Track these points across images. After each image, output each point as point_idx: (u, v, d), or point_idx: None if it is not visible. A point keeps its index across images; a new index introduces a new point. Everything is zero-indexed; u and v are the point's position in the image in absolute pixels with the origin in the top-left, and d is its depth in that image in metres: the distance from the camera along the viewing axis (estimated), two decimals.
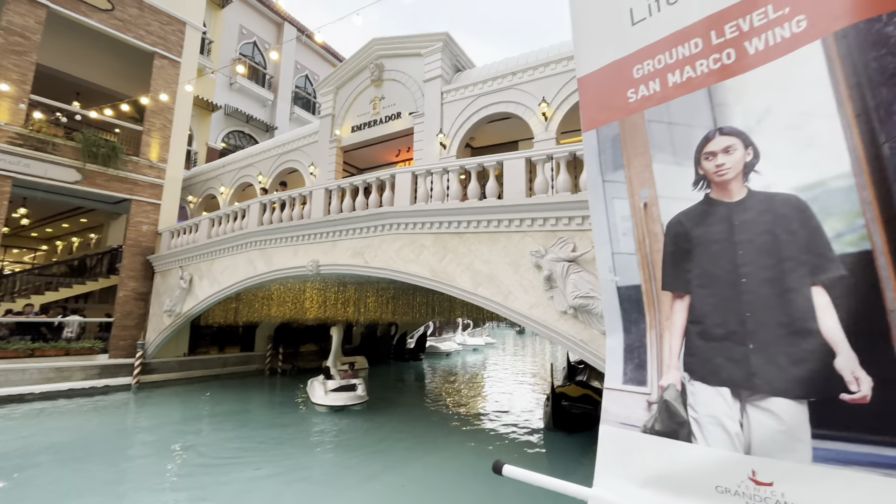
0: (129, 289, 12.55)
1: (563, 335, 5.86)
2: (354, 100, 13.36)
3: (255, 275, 9.95)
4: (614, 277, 1.51)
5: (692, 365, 1.30)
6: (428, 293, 11.32)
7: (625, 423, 1.39)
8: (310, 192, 9.21)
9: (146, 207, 13.17)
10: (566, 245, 6.01)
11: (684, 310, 1.32)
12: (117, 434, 7.82)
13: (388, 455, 6.73)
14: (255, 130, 21.66)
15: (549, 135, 9.67)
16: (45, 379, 10.46)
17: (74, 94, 14.60)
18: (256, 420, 8.92)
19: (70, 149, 11.77)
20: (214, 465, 6.17)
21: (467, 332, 30.86)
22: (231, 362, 14.56)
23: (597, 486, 1.40)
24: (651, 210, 1.42)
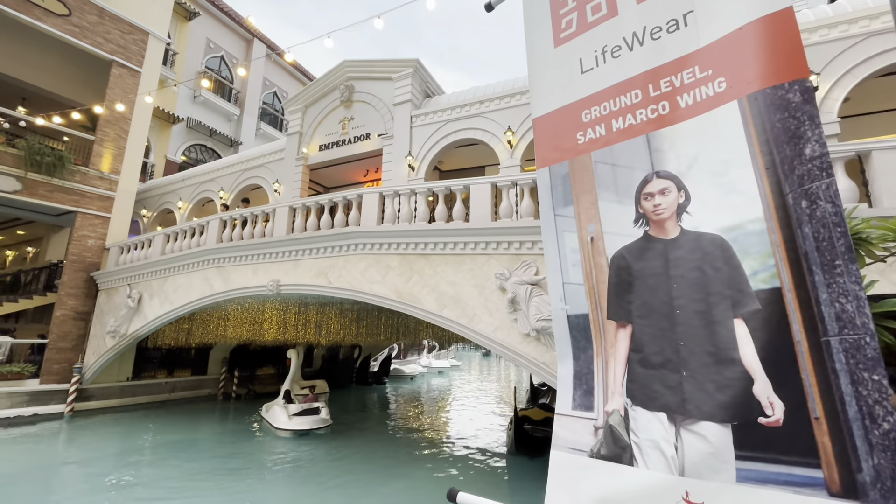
0: (67, 307, 11.65)
1: (527, 358, 5.95)
2: (323, 119, 13.36)
3: (211, 294, 9.52)
4: (564, 306, 1.60)
5: (634, 391, 1.38)
6: (393, 314, 11.21)
7: (573, 447, 1.45)
8: (273, 209, 9.02)
9: (93, 221, 12.41)
10: (529, 268, 6.18)
11: (627, 338, 1.42)
12: (43, 469, 7.10)
13: (348, 485, 6.48)
14: (219, 145, 21.08)
15: (514, 162, 10.02)
16: None
17: (20, 98, 13.78)
18: (206, 450, 8.37)
19: (10, 156, 11.01)
20: (156, 499, 5.71)
21: (433, 354, 30.54)
22: (181, 387, 13.67)
23: None
24: (597, 244, 1.53)
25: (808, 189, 1.17)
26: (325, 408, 10.38)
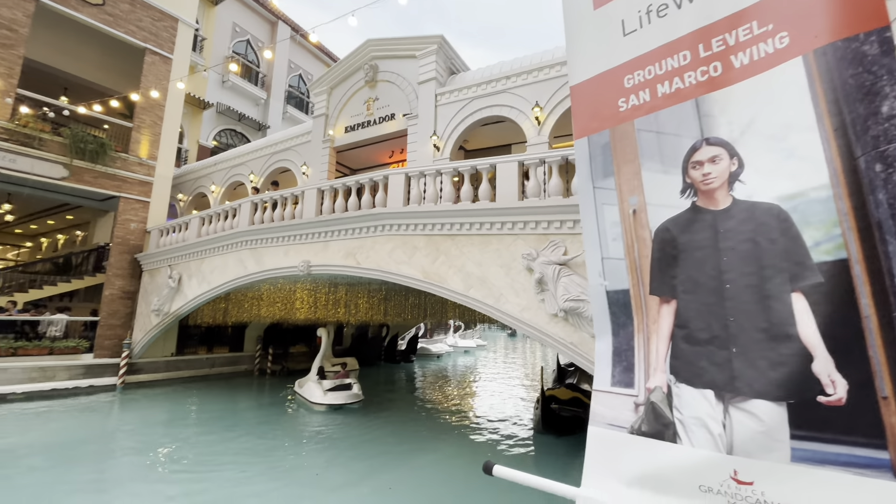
0: (115, 287, 12.37)
1: (554, 338, 5.91)
2: (348, 100, 13.34)
3: (245, 274, 9.87)
4: (603, 282, 1.55)
5: (678, 368, 1.34)
6: (420, 295, 11.33)
7: (612, 424, 1.42)
8: (302, 191, 9.18)
9: (135, 205, 13.00)
10: (557, 248, 6.07)
11: (671, 314, 1.36)
12: (101, 436, 7.70)
13: (378, 457, 6.71)
14: (248, 129, 21.50)
15: (542, 139, 9.76)
16: (28, 378, 10.26)
17: (63, 88, 14.38)
18: (245, 421, 8.84)
19: (57, 144, 11.58)
20: (200, 467, 6.10)
21: (458, 333, 30.88)
22: (219, 363, 14.40)
23: (585, 485, 1.43)
24: (640, 216, 1.46)
25: (885, 151, 1.06)
26: (356, 384, 10.79)
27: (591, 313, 5.75)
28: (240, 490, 5.31)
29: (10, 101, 10.95)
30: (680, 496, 1.25)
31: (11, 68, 11.03)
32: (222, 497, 5.11)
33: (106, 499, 5.03)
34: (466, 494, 5.41)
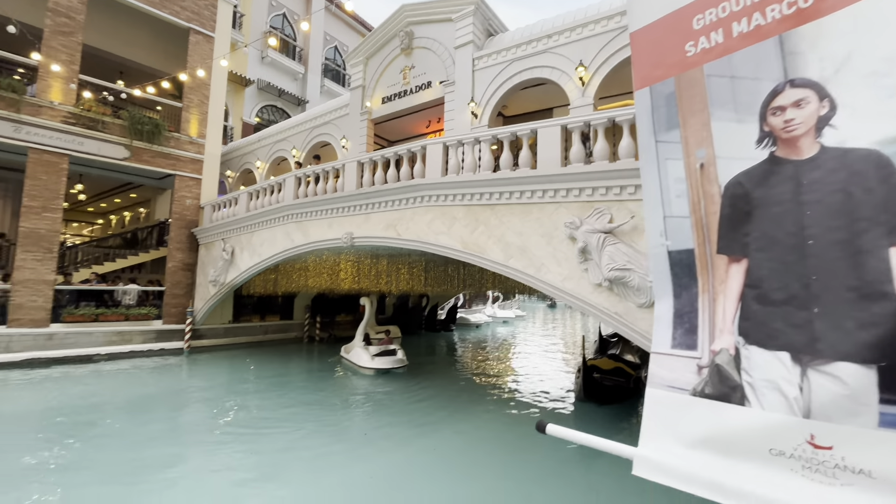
0: (176, 260, 13.31)
1: (597, 308, 5.79)
2: (384, 70, 13.20)
3: (292, 247, 10.30)
4: (665, 242, 1.47)
5: (748, 329, 1.27)
6: (459, 265, 11.39)
7: (672, 386, 1.38)
8: (342, 165, 9.32)
9: (188, 182, 13.74)
10: (602, 216, 5.86)
11: (741, 273, 1.28)
12: (174, 393, 8.51)
13: (422, 420, 7.01)
14: (287, 104, 21.90)
15: (587, 101, 9.27)
16: (108, 342, 11.42)
17: (118, 72, 15.14)
18: (297, 384, 9.46)
19: (118, 126, 12.34)
20: (261, 423, 6.63)
21: (497, 304, 31.01)
22: (272, 330, 15.36)
23: (642, 445, 1.42)
24: (708, 171, 1.35)
25: None
26: (400, 350, 11.24)
27: (637, 283, 5.58)
28: (295, 445, 5.74)
29: (73, 87, 11.70)
30: (748, 459, 1.21)
31: (72, 55, 11.71)
32: (280, 450, 5.55)
33: (179, 449, 5.60)
34: (507, 457, 5.57)
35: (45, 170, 11.17)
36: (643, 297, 5.41)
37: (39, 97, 11.17)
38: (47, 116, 11.22)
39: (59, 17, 11.49)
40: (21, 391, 8.04)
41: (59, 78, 11.42)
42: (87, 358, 10.76)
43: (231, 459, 5.22)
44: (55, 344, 10.67)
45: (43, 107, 11.18)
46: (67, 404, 7.25)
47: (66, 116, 11.50)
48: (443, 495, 4.43)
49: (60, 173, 11.42)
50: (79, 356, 10.67)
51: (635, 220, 5.57)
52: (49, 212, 11.21)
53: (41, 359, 10.15)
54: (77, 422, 6.38)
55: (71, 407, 7.10)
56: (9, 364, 9.76)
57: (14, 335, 10.22)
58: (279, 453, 5.43)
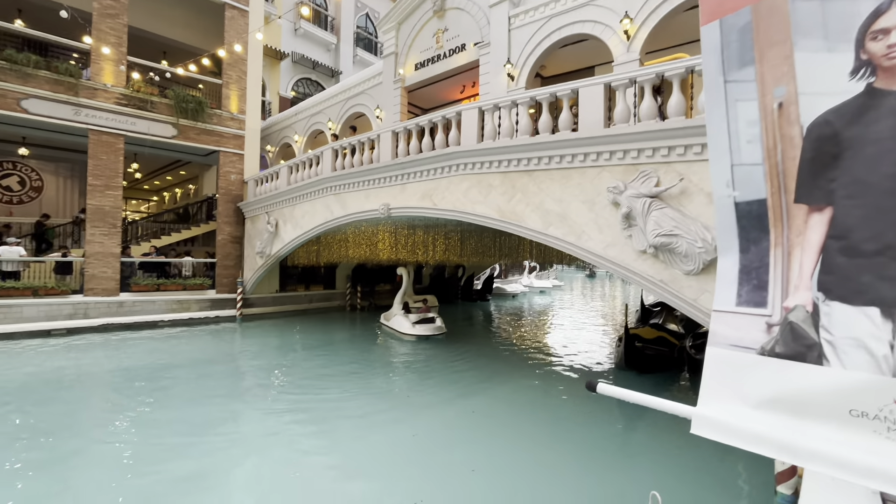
0: (225, 233, 14.02)
1: (641, 275, 5.60)
2: (417, 34, 12.84)
3: (332, 219, 10.55)
4: (732, 193, 1.35)
5: (829, 284, 1.16)
6: (495, 235, 11.29)
7: (737, 345, 1.31)
8: (377, 135, 9.30)
9: (231, 158, 14.24)
10: (649, 179, 5.55)
11: (823, 223, 1.15)
12: (230, 357, 9.16)
13: (461, 384, 7.18)
14: (322, 76, 21.93)
15: (632, 56, 8.65)
16: (169, 309, 12.37)
17: (161, 52, 15.63)
18: (341, 349, 9.91)
19: (164, 106, 12.85)
20: (309, 386, 7.04)
21: (534, 274, 30.74)
22: (316, 299, 16.05)
23: (702, 405, 1.37)
24: (787, 110, 1.21)
25: None
26: (438, 317, 11.60)
27: (684, 249, 5.32)
28: (342, 406, 6.07)
29: (123, 69, 12.22)
30: (824, 420, 1.14)
31: (120, 37, 12.16)
32: (328, 410, 5.89)
33: (236, 406, 6.07)
34: (546, 420, 5.64)
35: (104, 150, 11.90)
36: (691, 263, 5.16)
37: (94, 80, 11.77)
38: (102, 98, 11.84)
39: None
40: (99, 352, 8.93)
41: (109, 60, 11.94)
42: (153, 324, 11.74)
43: (284, 418, 5.61)
44: (125, 311, 11.69)
45: (98, 90, 11.79)
46: (139, 365, 7.99)
47: (118, 98, 12.09)
48: (480, 453, 4.57)
49: (118, 153, 12.13)
50: (145, 322, 11.66)
51: (684, 182, 5.25)
52: (111, 189, 12.02)
53: (114, 324, 11.18)
54: (147, 381, 7.04)
55: (142, 367, 7.83)
56: (88, 329, 10.82)
57: (90, 303, 11.26)
58: (328, 413, 5.77)
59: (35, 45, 12.20)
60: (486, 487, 3.94)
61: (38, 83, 11.00)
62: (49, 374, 7.26)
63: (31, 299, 10.55)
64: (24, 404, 5.80)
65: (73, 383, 6.92)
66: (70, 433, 4.94)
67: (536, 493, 3.86)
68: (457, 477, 4.11)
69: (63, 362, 8.05)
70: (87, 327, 10.80)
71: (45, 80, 11.07)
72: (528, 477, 4.14)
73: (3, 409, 5.62)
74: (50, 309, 10.68)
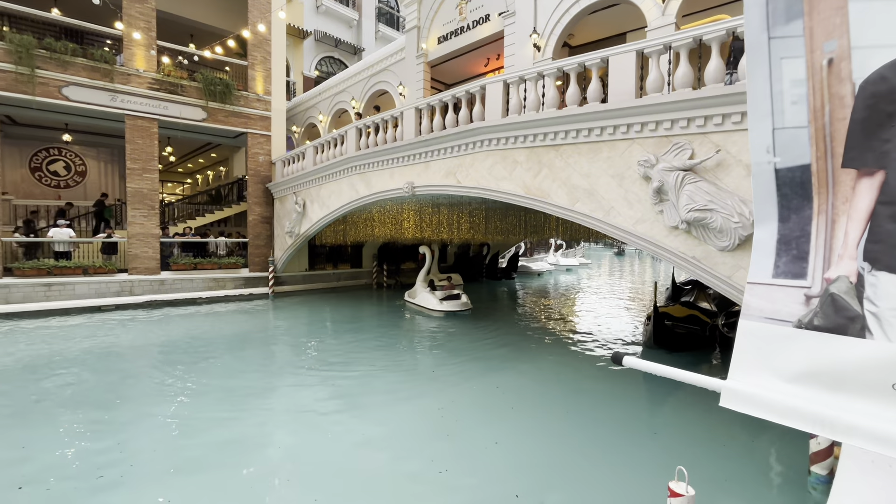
0: (256, 214, 14.43)
1: (673, 252, 5.43)
2: (440, 7, 12.50)
3: (357, 198, 10.67)
4: (773, 159, 1.27)
5: (877, 253, 1.09)
6: (520, 212, 11.15)
7: (772, 317, 1.26)
8: (401, 112, 9.23)
9: (259, 139, 14.50)
10: (682, 151, 5.31)
11: (873, 189, 1.07)
12: (264, 331, 9.57)
13: (486, 360, 7.27)
14: (344, 54, 21.79)
15: (668, 20, 8.16)
16: (206, 287, 12.96)
17: (188, 35, 15.86)
18: (369, 326, 10.17)
19: (194, 89, 13.13)
20: (339, 360, 7.30)
21: (560, 252, 30.32)
22: (343, 277, 16.44)
23: (732, 378, 1.34)
24: (838, 67, 1.12)
25: None
26: (464, 294, 11.93)
27: (719, 224, 5.10)
28: (371, 380, 6.27)
29: (154, 54, 12.50)
30: (863, 394, 1.10)
31: (149, 21, 12.39)
32: (357, 384, 6.10)
33: (271, 380, 6.38)
34: (571, 397, 5.66)
35: (139, 134, 12.34)
36: (726, 239, 4.96)
37: (127, 65, 12.12)
38: (135, 84, 12.20)
39: None
40: (147, 327, 9.51)
41: (140, 45, 12.23)
42: (192, 301, 12.35)
43: (316, 391, 5.86)
44: (166, 288, 12.34)
45: (131, 75, 12.14)
46: (181, 339, 8.48)
47: (150, 83, 12.43)
48: (504, 427, 4.66)
49: (152, 137, 12.56)
50: (185, 299, 12.28)
51: (720, 154, 4.99)
52: (148, 172, 12.52)
53: (157, 301, 11.83)
54: (189, 354, 7.47)
55: (184, 341, 8.31)
56: (133, 305, 11.51)
57: (135, 281, 11.94)
58: (357, 387, 5.99)
59: (70, 32, 12.62)
60: (509, 459, 4.02)
61: (76, 70, 11.42)
62: (102, 347, 7.81)
63: (82, 277, 11.28)
64: (82, 374, 6.30)
65: (124, 356, 7.43)
66: (122, 402, 5.34)
67: (558, 465, 3.92)
68: (480, 449, 4.21)
69: (115, 337, 8.64)
70: (132, 304, 11.49)
71: (82, 67, 11.48)
72: (551, 450, 4.20)
73: (63, 378, 6.12)
74: (99, 286, 11.40)
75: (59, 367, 6.58)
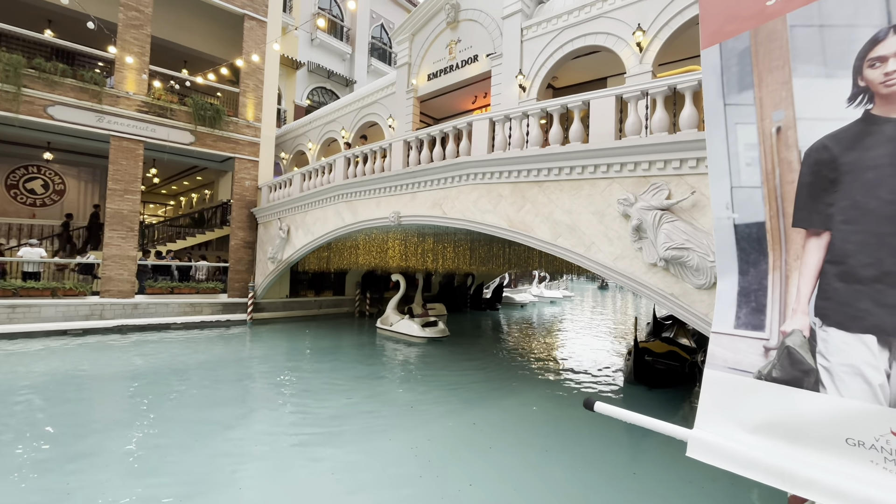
0: (238, 238, 14.25)
1: (652, 289, 5.54)
2: (430, 45, 13.02)
3: (343, 226, 10.67)
4: (731, 214, 1.35)
5: (826, 309, 1.14)
6: (505, 244, 11.29)
7: (734, 368, 1.29)
8: (389, 144, 9.41)
9: (247, 164, 14.53)
10: (660, 191, 5.52)
11: (820, 248, 1.14)
12: (239, 360, 9.25)
13: (465, 394, 7.14)
14: (336, 86, 22.30)
15: (645, 68, 8.65)
16: (182, 312, 12.57)
17: (182, 61, 16.09)
18: (348, 355, 9.94)
19: (183, 113, 13.20)
20: (316, 390, 7.07)
21: (543, 284, 30.54)
22: (325, 305, 16.17)
23: (698, 427, 1.35)
24: (785, 135, 1.21)
25: None
26: (440, 320, 12.60)
27: (696, 262, 5.26)
28: (346, 411, 6.08)
29: (145, 78, 12.60)
30: (820, 448, 1.12)
31: (143, 47, 12.56)
32: (333, 416, 5.90)
33: (244, 410, 6.12)
34: (551, 434, 5.57)
35: (124, 155, 12.24)
36: (702, 277, 5.10)
37: (117, 88, 12.16)
38: (124, 106, 12.21)
39: (130, 11, 12.32)
40: (114, 353, 9.10)
41: (132, 69, 12.33)
42: (166, 326, 11.94)
43: (290, 421, 5.64)
44: (139, 313, 11.92)
45: (120, 97, 12.17)
46: (151, 366, 8.13)
47: (139, 105, 12.46)
48: (480, 466, 4.53)
49: (137, 158, 12.47)
50: (159, 324, 11.86)
51: (696, 195, 5.20)
52: (130, 194, 12.34)
53: (129, 325, 11.39)
54: (159, 383, 7.15)
55: (154, 369, 7.96)
56: (103, 329, 11.05)
57: (106, 304, 11.51)
58: (333, 419, 5.79)
59: (62, 53, 12.68)
60: (482, 502, 3.90)
61: (64, 91, 11.40)
62: (63, 373, 7.42)
63: (49, 300, 10.84)
64: (36, 402, 5.94)
65: (86, 384, 7.06)
66: (79, 433, 5.03)
67: None
68: (453, 491, 4.07)
69: (77, 363, 8.22)
70: (102, 328, 11.03)
71: (70, 87, 11.47)
72: (528, 492, 4.09)
73: (16, 407, 5.76)
74: (67, 310, 10.94)
75: (15, 394, 6.21)
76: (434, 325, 12.39)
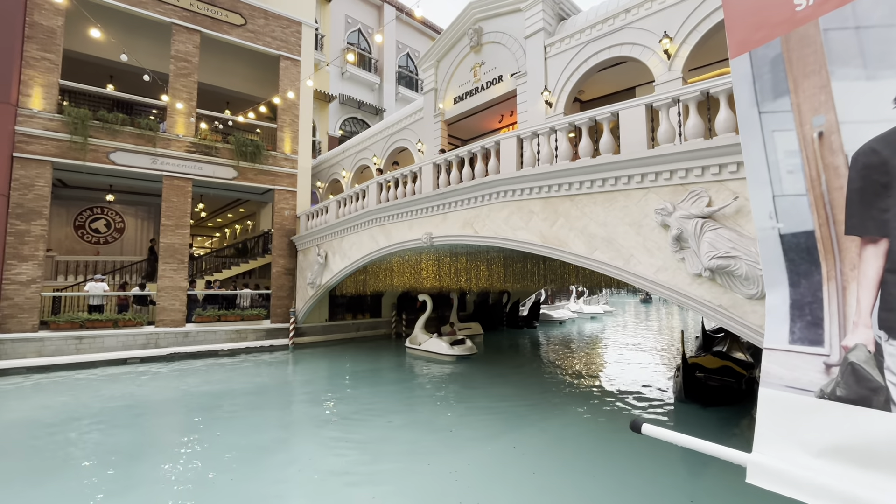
0: (279, 266, 14.85)
1: (698, 301, 5.28)
2: (455, 70, 13.35)
3: (377, 249, 10.91)
4: (776, 224, 1.28)
5: (892, 322, 1.06)
6: (538, 260, 11.14)
7: (793, 386, 1.21)
8: (419, 168, 9.63)
9: (285, 195, 15.24)
10: (699, 199, 5.32)
11: (879, 256, 1.07)
12: (283, 385, 9.51)
13: (504, 415, 6.98)
14: (367, 115, 23.18)
15: (674, 75, 8.48)
16: (228, 339, 13.14)
17: (225, 102, 17.29)
18: (387, 378, 9.99)
19: (227, 150, 14.11)
20: (356, 413, 7.14)
21: (582, 299, 29.69)
22: (363, 327, 16.42)
23: (757, 451, 1.27)
24: (829, 140, 1.16)
25: None
26: (468, 339, 12.80)
27: (744, 271, 4.98)
28: (388, 436, 6.08)
29: (193, 121, 13.63)
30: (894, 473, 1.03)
31: (190, 92, 13.63)
32: (375, 440, 5.92)
33: (288, 434, 6.26)
34: (596, 458, 5.32)
35: (175, 193, 13.18)
36: (753, 286, 4.81)
37: (168, 132, 13.21)
38: (175, 147, 13.22)
39: (179, 62, 13.46)
40: (168, 380, 9.60)
41: (181, 114, 13.38)
42: (214, 353, 12.49)
43: (332, 446, 5.70)
44: (189, 340, 12.55)
45: (171, 140, 13.20)
46: (202, 392, 8.50)
47: (188, 146, 13.44)
48: (522, 493, 4.38)
49: (187, 195, 13.38)
50: (207, 351, 12.43)
51: (739, 201, 4.98)
52: (180, 228, 13.20)
53: (180, 353, 12.01)
54: (208, 408, 7.45)
55: (204, 394, 8.32)
56: (158, 357, 11.71)
57: (161, 333, 12.23)
58: (372, 443, 5.80)
59: (121, 104, 13.96)
60: None
61: (124, 138, 12.50)
62: (123, 400, 7.89)
63: (111, 330, 11.64)
64: (101, 428, 6.33)
65: (145, 410, 7.47)
66: (139, 457, 5.31)
67: None
68: None
69: (136, 389, 8.73)
70: (157, 356, 11.69)
71: (129, 134, 12.57)
72: None
73: (82, 432, 6.16)
74: (126, 339, 11.70)
75: (82, 420, 6.65)
76: (462, 343, 12.51)
